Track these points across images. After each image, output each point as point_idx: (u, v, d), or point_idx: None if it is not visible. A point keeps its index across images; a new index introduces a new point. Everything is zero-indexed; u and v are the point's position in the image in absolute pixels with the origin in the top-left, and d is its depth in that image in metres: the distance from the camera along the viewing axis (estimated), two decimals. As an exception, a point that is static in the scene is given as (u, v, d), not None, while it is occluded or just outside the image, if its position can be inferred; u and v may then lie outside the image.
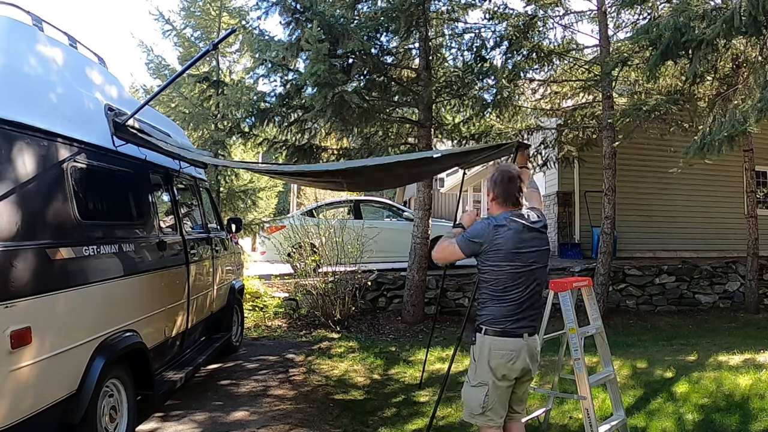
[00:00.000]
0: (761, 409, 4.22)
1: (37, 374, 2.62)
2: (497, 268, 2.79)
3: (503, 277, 2.79)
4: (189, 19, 9.88)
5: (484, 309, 2.86)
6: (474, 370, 2.85)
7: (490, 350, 2.78)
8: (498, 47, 7.80)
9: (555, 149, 9.57)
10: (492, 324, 2.80)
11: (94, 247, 3.21)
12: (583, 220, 11.14)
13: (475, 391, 2.82)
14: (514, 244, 2.78)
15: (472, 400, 2.83)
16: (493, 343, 2.78)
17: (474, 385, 2.83)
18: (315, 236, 8.33)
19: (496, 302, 2.82)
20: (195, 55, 6.38)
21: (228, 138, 8.75)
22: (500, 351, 2.77)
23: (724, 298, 9.20)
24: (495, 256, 2.79)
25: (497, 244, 2.78)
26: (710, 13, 5.58)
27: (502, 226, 2.79)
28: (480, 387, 2.80)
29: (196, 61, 4.04)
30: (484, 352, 2.80)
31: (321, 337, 7.09)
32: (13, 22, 3.10)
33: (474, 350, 2.87)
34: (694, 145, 6.27)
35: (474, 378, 2.84)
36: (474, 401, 2.82)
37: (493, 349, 2.78)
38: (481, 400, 2.79)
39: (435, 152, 4.32)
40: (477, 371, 2.83)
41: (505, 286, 2.80)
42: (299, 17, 6.55)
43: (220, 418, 4.27)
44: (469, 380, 2.87)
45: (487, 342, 2.80)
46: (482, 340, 2.82)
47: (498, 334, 2.78)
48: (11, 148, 2.67)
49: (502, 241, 2.78)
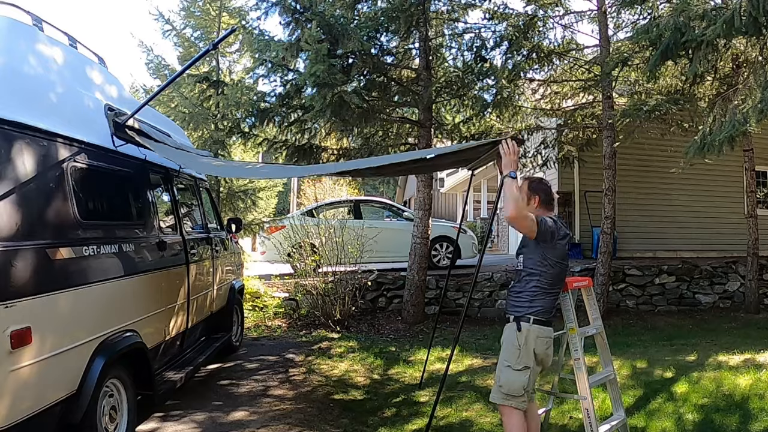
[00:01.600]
0: (761, 409, 4.22)
1: (38, 374, 2.62)
2: (555, 263, 3.12)
3: (556, 272, 3.14)
4: (189, 19, 9.89)
5: (533, 301, 3.11)
6: (518, 356, 3.07)
7: (537, 337, 3.08)
8: (498, 47, 7.80)
9: (555, 149, 9.57)
10: (539, 314, 3.10)
11: (94, 247, 3.21)
12: (583, 220, 11.14)
13: (519, 374, 3.05)
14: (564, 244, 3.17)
15: (516, 382, 3.05)
16: (539, 332, 3.09)
17: (518, 369, 3.06)
18: (315, 236, 8.34)
19: (544, 295, 3.12)
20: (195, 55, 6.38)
21: (228, 138, 8.75)
22: (544, 338, 3.10)
23: (724, 298, 9.20)
24: (555, 252, 3.12)
25: (560, 243, 3.13)
26: (710, 13, 5.58)
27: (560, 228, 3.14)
28: (525, 370, 3.06)
29: (195, 61, 4.04)
30: (531, 339, 3.07)
31: (321, 337, 7.09)
32: (13, 22, 3.10)
33: (518, 337, 3.08)
34: (695, 145, 6.27)
35: (518, 363, 3.07)
36: (518, 383, 3.05)
37: (539, 337, 3.08)
38: (525, 382, 3.04)
39: (429, 152, 4.32)
40: (521, 356, 3.07)
41: (553, 281, 3.14)
42: (299, 17, 6.55)
43: (219, 418, 4.26)
44: (512, 365, 3.08)
45: (533, 330, 3.08)
46: (528, 328, 3.08)
47: (542, 323, 3.10)
48: (11, 148, 2.67)
49: (562, 241, 3.14)
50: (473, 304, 8.55)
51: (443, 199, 24.74)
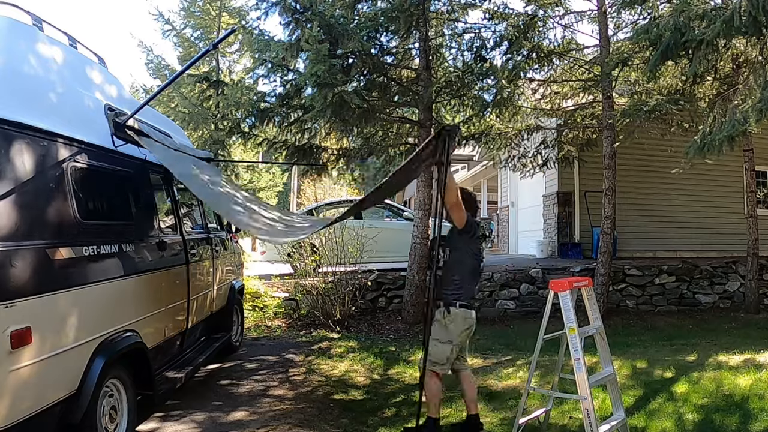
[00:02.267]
0: (761, 409, 4.22)
1: (37, 374, 2.62)
2: (474, 255, 3.83)
3: (476, 264, 3.86)
4: (189, 19, 9.90)
5: (459, 287, 3.78)
6: (445, 333, 3.76)
7: (464, 319, 3.77)
8: (498, 47, 7.80)
9: (555, 149, 9.57)
10: (465, 300, 3.78)
11: (94, 247, 3.21)
12: (583, 220, 11.14)
13: (444, 347, 3.76)
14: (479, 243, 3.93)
15: (441, 353, 3.76)
16: (465, 314, 3.78)
17: (444, 342, 3.76)
18: (315, 236, 8.33)
19: (467, 283, 3.82)
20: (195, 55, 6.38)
21: (228, 138, 8.76)
22: (468, 319, 3.80)
23: (724, 298, 9.20)
24: (474, 246, 3.84)
25: (478, 239, 3.87)
26: (710, 13, 5.58)
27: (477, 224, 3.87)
28: (448, 344, 3.76)
29: (195, 61, 4.04)
30: (458, 320, 3.75)
31: (321, 337, 7.09)
32: (13, 22, 3.10)
33: (447, 318, 3.75)
34: (695, 145, 6.28)
35: (444, 338, 3.76)
36: (442, 354, 3.76)
37: (465, 318, 3.77)
38: (448, 353, 3.76)
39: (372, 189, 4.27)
40: (448, 333, 3.75)
41: (473, 271, 3.86)
42: (299, 17, 6.55)
43: (219, 418, 4.26)
44: (440, 340, 3.76)
45: (460, 313, 3.76)
46: (456, 311, 3.75)
47: (466, 307, 3.79)
48: (11, 148, 2.67)
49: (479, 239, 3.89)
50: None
51: (443, 199, 24.70)
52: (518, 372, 5.56)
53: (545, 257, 11.29)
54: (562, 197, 11.25)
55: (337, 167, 8.53)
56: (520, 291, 8.70)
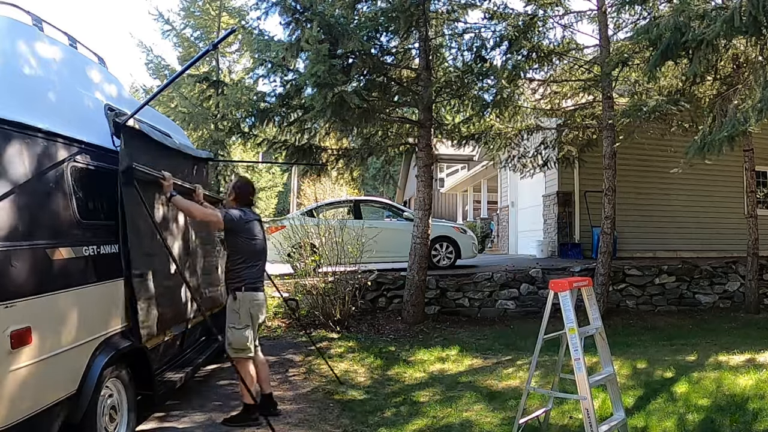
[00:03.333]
0: (761, 409, 4.22)
1: (37, 374, 2.62)
2: (249, 240, 4.12)
3: (252, 247, 4.15)
4: (189, 19, 9.91)
5: (240, 273, 4.08)
6: (239, 318, 4.02)
7: (251, 301, 4.07)
8: (498, 47, 7.79)
9: (555, 149, 9.56)
10: (249, 283, 4.08)
11: (94, 247, 3.21)
12: (583, 220, 11.13)
13: (242, 332, 4.01)
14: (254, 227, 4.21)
15: (241, 339, 4.00)
16: (252, 297, 4.08)
17: (240, 328, 4.01)
18: (315, 236, 8.33)
19: (248, 268, 4.11)
20: (195, 55, 6.38)
21: (228, 138, 8.76)
22: (256, 301, 4.11)
23: (724, 298, 9.20)
24: (248, 232, 4.14)
25: (249, 224, 4.17)
26: (710, 13, 5.58)
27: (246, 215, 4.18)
28: (246, 328, 4.02)
29: (195, 61, 4.04)
30: (245, 304, 4.04)
31: (321, 337, 7.08)
32: (13, 22, 3.10)
33: (236, 304, 4.03)
34: (695, 145, 6.27)
35: (239, 323, 4.02)
36: (243, 339, 4.00)
37: (252, 300, 4.08)
38: (248, 338, 4.01)
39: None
40: (241, 318, 4.02)
41: (252, 255, 4.15)
42: (299, 17, 6.54)
43: (219, 418, 4.26)
44: (236, 326, 4.01)
45: (247, 296, 4.05)
46: (243, 295, 4.05)
47: (252, 290, 4.09)
48: (11, 148, 2.67)
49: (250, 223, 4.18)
50: (473, 305, 8.55)
51: (443, 199, 24.73)
52: (518, 372, 5.56)
53: (545, 257, 11.29)
54: (562, 197, 11.25)
55: (336, 167, 8.53)
56: (520, 291, 8.70)
